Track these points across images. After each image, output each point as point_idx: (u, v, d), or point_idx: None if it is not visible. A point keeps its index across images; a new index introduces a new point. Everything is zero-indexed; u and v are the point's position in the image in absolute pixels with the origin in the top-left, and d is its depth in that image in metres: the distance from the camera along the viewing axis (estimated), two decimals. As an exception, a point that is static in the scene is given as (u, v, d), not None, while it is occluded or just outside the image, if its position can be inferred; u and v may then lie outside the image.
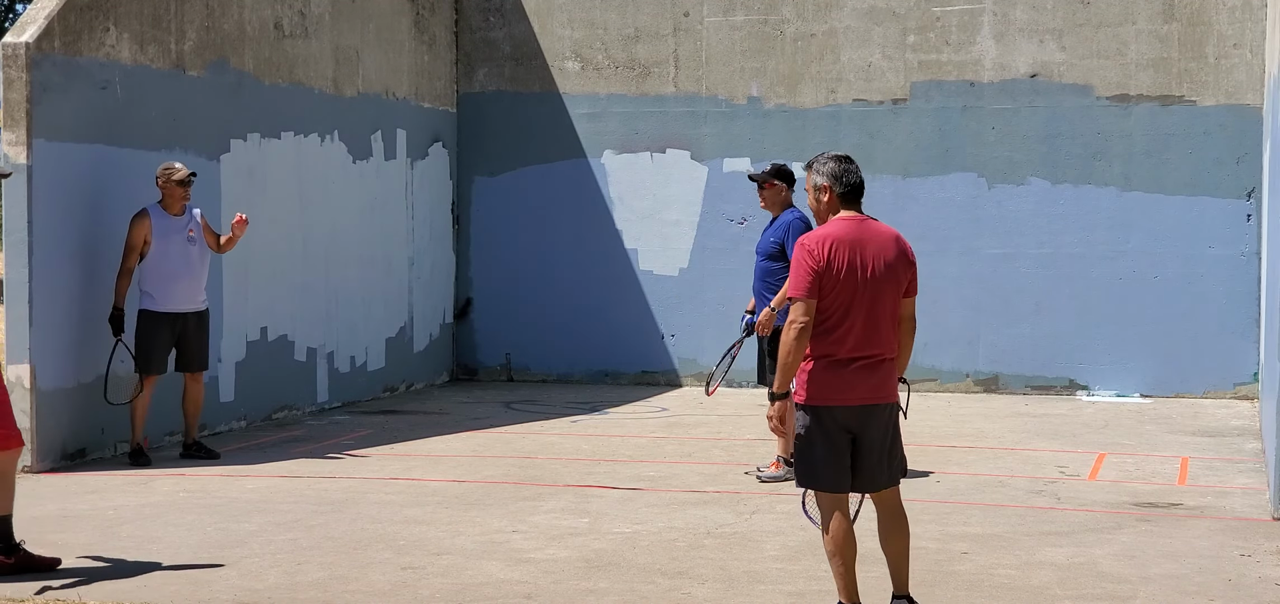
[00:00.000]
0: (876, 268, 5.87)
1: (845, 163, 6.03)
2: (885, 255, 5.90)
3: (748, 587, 6.84)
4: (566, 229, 15.42)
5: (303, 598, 6.65)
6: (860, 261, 5.86)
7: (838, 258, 5.84)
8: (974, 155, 14.36)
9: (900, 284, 5.94)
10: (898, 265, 5.93)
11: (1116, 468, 10.15)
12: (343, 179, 13.55)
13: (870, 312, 5.85)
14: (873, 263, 5.87)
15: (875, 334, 5.87)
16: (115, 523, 8.25)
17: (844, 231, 5.90)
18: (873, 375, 5.87)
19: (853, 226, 5.93)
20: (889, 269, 5.89)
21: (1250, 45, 13.71)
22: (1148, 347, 14.01)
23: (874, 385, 5.88)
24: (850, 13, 14.64)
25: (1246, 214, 13.74)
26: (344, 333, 13.56)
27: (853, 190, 6.00)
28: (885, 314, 5.89)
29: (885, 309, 5.89)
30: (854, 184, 5.99)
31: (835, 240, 5.87)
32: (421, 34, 14.90)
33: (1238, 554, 7.46)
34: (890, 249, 5.93)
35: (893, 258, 5.92)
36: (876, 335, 5.87)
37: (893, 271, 5.91)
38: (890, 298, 5.90)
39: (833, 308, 5.84)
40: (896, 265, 5.92)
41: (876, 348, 5.88)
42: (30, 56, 9.78)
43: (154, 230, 10.25)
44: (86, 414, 10.24)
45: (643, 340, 15.29)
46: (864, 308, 5.85)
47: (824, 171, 6.02)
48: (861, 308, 5.84)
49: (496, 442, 11.41)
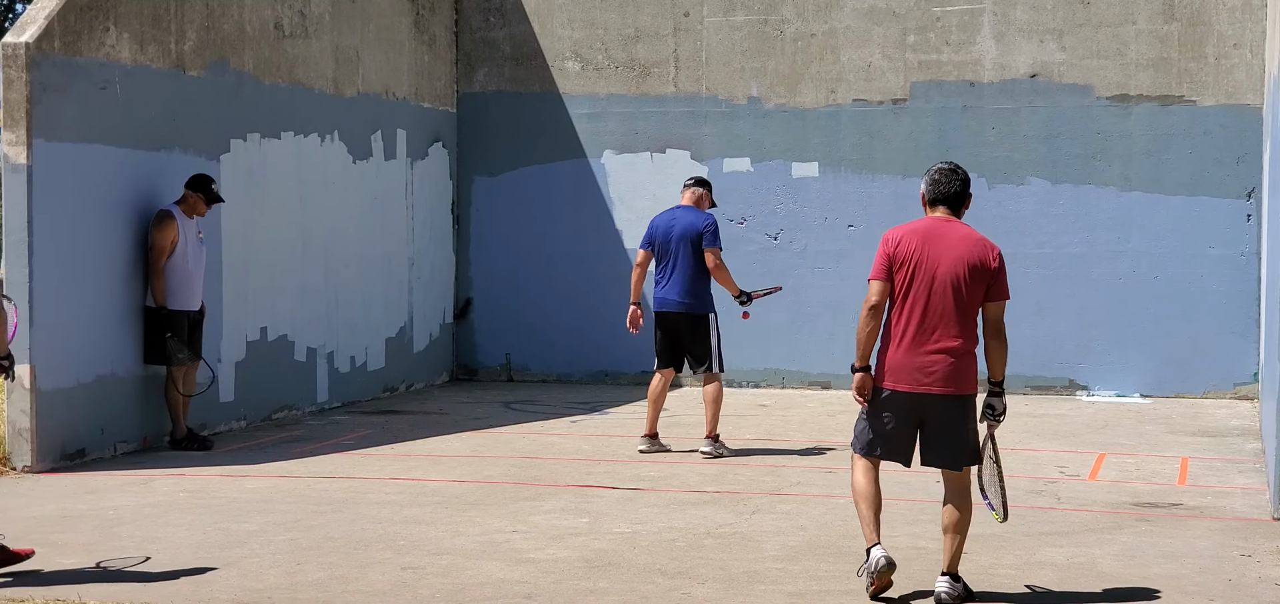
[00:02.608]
0: (943, 265, 6.36)
1: (938, 171, 6.60)
2: (955, 253, 6.37)
3: (748, 587, 6.84)
4: (566, 229, 15.42)
5: (303, 598, 6.65)
6: (927, 256, 6.38)
7: (905, 248, 6.41)
8: (974, 155, 14.35)
9: (974, 285, 6.36)
10: (971, 264, 6.37)
11: (1116, 468, 10.15)
12: (343, 179, 13.55)
13: (929, 305, 6.36)
14: (941, 260, 6.37)
15: (934, 327, 6.36)
16: (115, 523, 8.25)
17: (921, 226, 6.48)
18: (923, 365, 6.37)
19: (933, 225, 6.47)
20: (958, 267, 6.35)
21: (1250, 45, 13.71)
22: (1148, 347, 14.02)
23: (926, 376, 6.37)
24: (850, 13, 14.64)
25: (1246, 214, 13.74)
26: (344, 333, 13.56)
27: (943, 197, 6.54)
28: (949, 309, 6.35)
29: (950, 305, 6.35)
30: (944, 192, 6.54)
31: (909, 233, 6.47)
32: (421, 34, 14.90)
33: (1238, 554, 7.46)
34: (963, 248, 6.38)
35: (966, 256, 6.37)
36: (934, 328, 6.36)
37: (962, 270, 6.35)
38: (956, 295, 6.35)
39: (895, 296, 6.43)
40: (969, 265, 6.37)
41: (932, 341, 6.36)
42: (30, 56, 9.77)
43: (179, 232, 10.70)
44: (86, 414, 10.24)
45: (643, 340, 15.22)
46: (922, 301, 6.37)
47: (923, 180, 6.65)
48: (919, 300, 6.38)
49: (496, 442, 11.41)
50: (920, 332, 6.38)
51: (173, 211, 10.71)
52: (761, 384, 14.82)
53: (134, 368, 10.67)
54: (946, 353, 6.37)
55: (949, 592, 6.46)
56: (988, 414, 6.50)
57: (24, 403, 9.75)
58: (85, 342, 10.21)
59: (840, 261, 14.62)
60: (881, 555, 6.48)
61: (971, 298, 6.39)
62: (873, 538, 6.55)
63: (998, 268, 6.43)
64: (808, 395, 14.38)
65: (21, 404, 9.74)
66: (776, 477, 9.82)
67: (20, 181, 9.74)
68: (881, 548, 6.52)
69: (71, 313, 10.09)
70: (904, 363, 6.41)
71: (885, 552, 6.51)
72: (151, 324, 10.66)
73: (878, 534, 6.57)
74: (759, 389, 14.71)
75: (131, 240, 10.67)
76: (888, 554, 6.51)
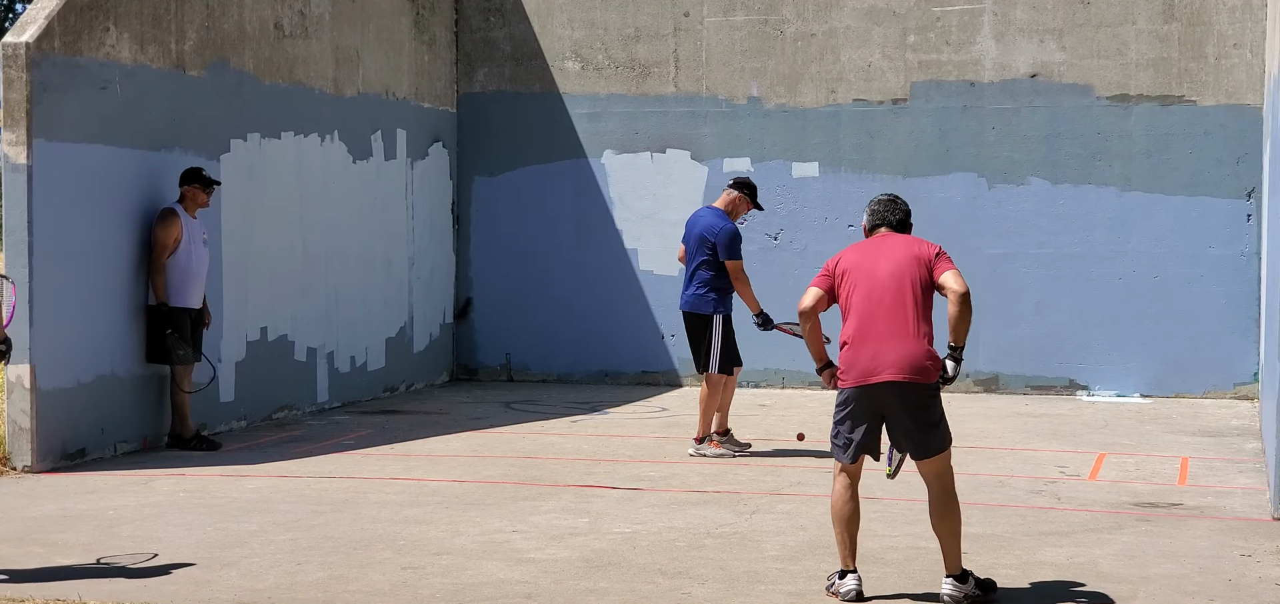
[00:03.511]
0: (881, 263, 6.58)
1: (876, 200, 6.98)
2: (893, 253, 6.61)
3: (748, 587, 6.84)
4: (566, 229, 15.42)
5: (303, 598, 6.65)
6: (865, 262, 6.62)
7: (846, 261, 6.72)
8: (974, 155, 14.36)
9: (915, 271, 6.52)
10: (909, 256, 6.58)
11: (1116, 468, 10.15)
12: (343, 179, 13.55)
13: (872, 301, 6.53)
14: (879, 260, 6.60)
15: (879, 320, 6.50)
16: (115, 523, 8.25)
17: (861, 243, 6.82)
18: (873, 354, 6.46)
19: (872, 240, 6.79)
20: (895, 261, 6.57)
21: (1250, 45, 13.71)
22: (1148, 347, 14.02)
23: (877, 366, 6.46)
24: (850, 13, 14.64)
25: (1246, 214, 13.74)
26: (344, 333, 13.56)
27: (882, 224, 6.86)
28: (890, 301, 6.50)
29: (891, 296, 6.50)
30: (883, 219, 6.86)
31: (849, 250, 6.81)
32: (421, 34, 14.90)
33: (1238, 554, 7.47)
34: (900, 247, 6.63)
35: (903, 252, 6.60)
36: (879, 321, 6.50)
37: (900, 262, 6.55)
38: (897, 287, 6.51)
39: (843, 306, 6.63)
40: (906, 257, 6.58)
41: (878, 334, 6.48)
42: (30, 56, 9.77)
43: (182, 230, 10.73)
44: (87, 414, 10.24)
45: (643, 340, 15.30)
46: (866, 299, 6.55)
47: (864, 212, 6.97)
48: (863, 299, 6.56)
49: (496, 442, 11.41)
50: (866, 327, 6.49)
51: (176, 210, 10.75)
52: (761, 384, 14.81)
53: (134, 368, 10.67)
54: (893, 342, 6.44)
55: (953, 593, 6.47)
56: (942, 377, 6.55)
57: (24, 403, 9.75)
58: (85, 342, 10.21)
59: (840, 261, 14.60)
60: (854, 587, 6.50)
61: (915, 287, 6.51)
62: (849, 563, 6.58)
63: (937, 252, 6.61)
64: (808, 395, 14.38)
65: (22, 404, 9.74)
66: (776, 477, 9.82)
67: (20, 181, 9.74)
68: (856, 578, 6.53)
69: (71, 313, 10.09)
70: (855, 359, 6.50)
71: (859, 584, 6.52)
72: (153, 322, 10.68)
73: (854, 560, 6.58)
74: (759, 389, 14.71)
75: (131, 240, 10.67)
76: (861, 588, 6.51)
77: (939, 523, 6.53)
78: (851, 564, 6.56)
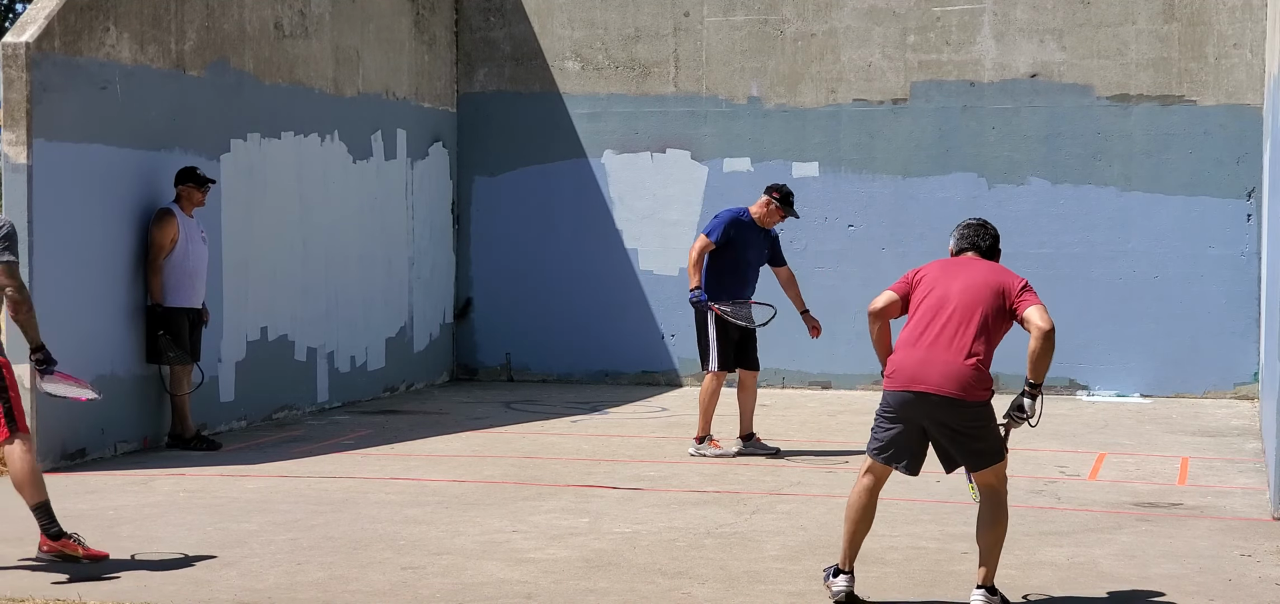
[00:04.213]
0: (957, 282, 6.49)
1: (965, 224, 6.81)
2: (973, 275, 6.52)
3: (748, 587, 6.84)
4: (566, 229, 15.42)
5: (303, 598, 6.65)
6: (944, 277, 6.53)
7: (926, 272, 6.62)
8: (974, 155, 14.36)
9: (989, 298, 6.46)
10: (987, 282, 6.50)
11: (1116, 468, 10.15)
12: (343, 179, 13.55)
13: (936, 314, 6.44)
14: (957, 278, 6.50)
15: (937, 333, 6.41)
16: (115, 523, 8.25)
17: (946, 260, 6.69)
18: (922, 361, 6.38)
19: (957, 260, 6.66)
20: (972, 282, 6.48)
21: (1250, 45, 13.71)
22: (1148, 347, 14.02)
23: (923, 375, 6.37)
24: (850, 13, 14.65)
25: (1246, 214, 13.74)
26: (344, 333, 13.56)
27: (970, 248, 6.71)
28: (954, 319, 6.42)
29: (956, 315, 6.42)
30: (971, 243, 6.72)
31: (933, 263, 6.68)
32: (421, 34, 14.90)
33: (1238, 554, 7.47)
34: (982, 271, 6.55)
35: (984, 277, 6.52)
36: (937, 335, 6.41)
37: (977, 285, 6.47)
38: (965, 307, 6.43)
39: (911, 313, 6.55)
40: (985, 282, 6.50)
41: (931, 345, 6.40)
42: (30, 56, 9.77)
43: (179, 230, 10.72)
44: (86, 414, 10.23)
45: (643, 340, 15.29)
46: (931, 310, 6.46)
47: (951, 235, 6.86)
48: (929, 310, 6.47)
49: (496, 442, 11.41)
50: (921, 334, 6.40)
51: (173, 209, 10.75)
52: (761, 384, 14.77)
53: (134, 368, 10.68)
54: (941, 354, 6.35)
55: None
56: (1013, 411, 6.49)
57: (25, 403, 9.71)
58: (85, 341, 10.20)
59: (840, 261, 14.61)
60: (845, 588, 6.45)
61: (985, 311, 6.41)
62: (846, 562, 6.50)
63: (1023, 285, 6.51)
64: (808, 395, 14.38)
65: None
66: (776, 477, 9.82)
67: (20, 181, 9.74)
68: (848, 579, 6.47)
69: (72, 313, 10.08)
70: (902, 362, 6.41)
71: (850, 585, 6.46)
72: (152, 322, 10.69)
73: (852, 562, 6.50)
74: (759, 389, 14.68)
75: (131, 241, 10.67)
76: (851, 590, 6.46)
77: (983, 531, 6.41)
78: (848, 566, 6.50)
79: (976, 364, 6.37)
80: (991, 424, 6.46)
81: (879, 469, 6.51)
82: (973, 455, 6.42)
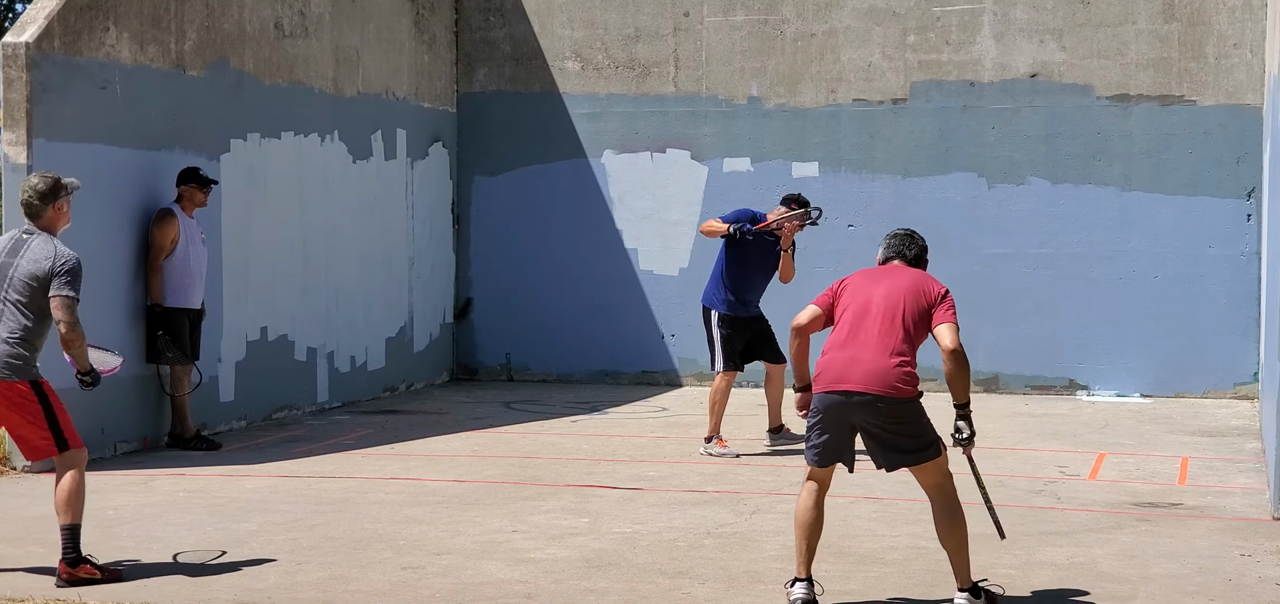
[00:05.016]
0: (880, 288, 6.47)
1: (893, 234, 6.79)
2: (896, 281, 6.50)
3: (748, 587, 6.84)
4: (566, 229, 15.42)
5: (303, 598, 6.65)
6: (867, 284, 6.53)
7: (850, 281, 6.62)
8: (974, 155, 14.36)
9: (910, 303, 6.40)
10: (911, 288, 6.45)
11: (1116, 468, 10.15)
12: (343, 179, 13.55)
13: (859, 318, 6.44)
14: (879, 285, 6.49)
15: (860, 335, 6.41)
16: (115, 523, 8.25)
17: (871, 269, 6.68)
18: (847, 361, 6.38)
19: (882, 267, 6.65)
20: (895, 289, 6.45)
21: (1250, 45, 13.71)
22: (1148, 347, 14.02)
23: (847, 375, 6.37)
24: (850, 13, 14.64)
25: (1246, 214, 13.74)
26: (344, 333, 13.56)
27: (896, 256, 6.69)
28: (877, 322, 6.40)
29: (879, 319, 6.40)
30: (897, 252, 6.69)
31: (858, 272, 6.69)
32: (421, 34, 14.90)
33: (1238, 554, 7.47)
34: (905, 278, 6.51)
35: (907, 283, 6.48)
36: (860, 336, 6.41)
37: (899, 292, 6.44)
38: (888, 311, 6.40)
39: (835, 321, 6.56)
40: (907, 289, 6.45)
41: (856, 347, 6.39)
42: (30, 56, 9.77)
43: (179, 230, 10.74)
44: (86, 414, 10.21)
45: (643, 340, 15.29)
46: (854, 315, 6.46)
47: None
48: (852, 315, 6.47)
49: (496, 442, 11.42)
50: (847, 337, 6.41)
51: (173, 210, 10.77)
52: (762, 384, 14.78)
53: (134, 367, 10.67)
54: (868, 355, 6.32)
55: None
56: (955, 436, 6.44)
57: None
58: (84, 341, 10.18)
59: (840, 261, 14.56)
60: (803, 596, 6.39)
61: (908, 315, 6.38)
62: (802, 570, 6.43)
63: (942, 294, 6.46)
64: (808, 395, 14.37)
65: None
66: (776, 477, 9.82)
67: (20, 181, 9.72)
68: (806, 586, 6.40)
69: (71, 313, 10.06)
70: (828, 365, 6.40)
71: (808, 592, 6.39)
72: (152, 323, 10.69)
73: (808, 569, 6.43)
74: (759, 389, 14.68)
75: (132, 241, 10.68)
76: (810, 597, 6.39)
77: (944, 535, 6.39)
78: (804, 573, 6.42)
79: (901, 363, 6.34)
80: (922, 420, 6.41)
81: (820, 474, 6.50)
82: (906, 453, 6.40)
